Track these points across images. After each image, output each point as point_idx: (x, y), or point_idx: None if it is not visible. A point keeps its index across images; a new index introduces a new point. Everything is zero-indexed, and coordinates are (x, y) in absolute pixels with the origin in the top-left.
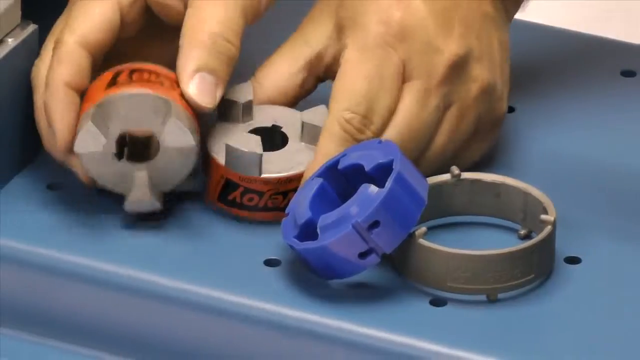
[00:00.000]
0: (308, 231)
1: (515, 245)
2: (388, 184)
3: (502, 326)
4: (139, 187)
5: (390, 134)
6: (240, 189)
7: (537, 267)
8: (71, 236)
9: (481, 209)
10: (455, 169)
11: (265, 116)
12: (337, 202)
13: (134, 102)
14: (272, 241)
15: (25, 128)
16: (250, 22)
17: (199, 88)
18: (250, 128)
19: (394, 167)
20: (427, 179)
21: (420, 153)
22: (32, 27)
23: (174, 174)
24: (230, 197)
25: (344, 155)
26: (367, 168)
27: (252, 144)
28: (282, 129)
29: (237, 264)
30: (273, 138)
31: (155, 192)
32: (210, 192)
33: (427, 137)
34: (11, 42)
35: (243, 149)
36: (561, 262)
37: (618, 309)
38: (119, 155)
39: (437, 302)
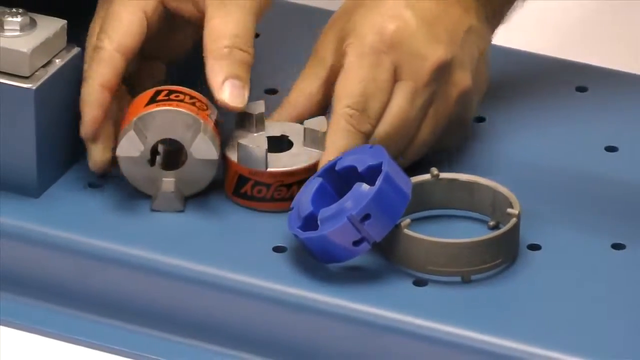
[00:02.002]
0: (310, 222)
1: (485, 234)
2: (378, 183)
3: (475, 303)
4: (166, 191)
5: (383, 127)
6: (251, 182)
7: (504, 253)
8: (106, 225)
9: (457, 204)
10: (434, 170)
11: (275, 128)
12: (334, 198)
13: (169, 116)
14: (279, 231)
15: (69, 136)
16: (259, 20)
17: (231, 94)
18: (262, 136)
19: (382, 168)
20: (411, 178)
21: (408, 143)
22: (76, 50)
23: (197, 182)
24: (242, 191)
25: (340, 158)
26: (360, 169)
27: (259, 142)
28: (289, 138)
29: (249, 249)
30: (281, 145)
31: (178, 196)
32: (227, 187)
33: (413, 130)
34: (58, 62)
35: (251, 146)
36: (524, 249)
37: (572, 288)
38: (152, 161)
39: (419, 282)
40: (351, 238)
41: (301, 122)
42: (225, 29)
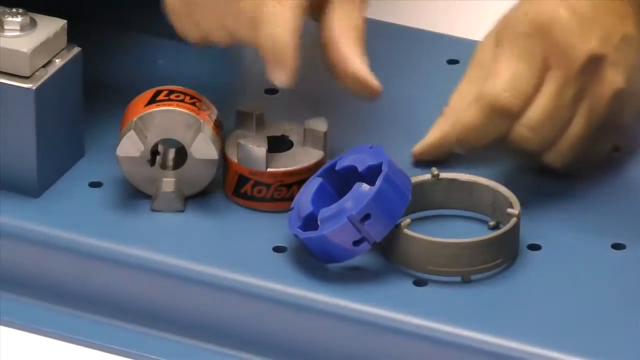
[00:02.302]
0: (310, 222)
1: (485, 234)
2: (378, 183)
3: (475, 303)
4: (166, 191)
5: (531, 112)
6: (251, 182)
7: (504, 253)
8: (106, 225)
9: (457, 204)
10: (434, 170)
11: (275, 128)
12: (334, 198)
13: (169, 116)
14: (279, 231)
15: (69, 136)
16: None
17: (367, 70)
18: (262, 136)
19: (382, 168)
20: (411, 178)
21: (556, 136)
22: (76, 50)
23: (197, 182)
24: (242, 191)
25: (340, 158)
26: (360, 169)
27: (259, 142)
28: (289, 138)
29: (250, 250)
30: (281, 145)
31: (178, 196)
32: (227, 187)
33: (562, 123)
34: (58, 62)
35: (251, 146)
36: (524, 249)
37: (572, 288)
38: (152, 161)
39: (419, 282)
40: (351, 238)
41: None
42: (354, 22)
